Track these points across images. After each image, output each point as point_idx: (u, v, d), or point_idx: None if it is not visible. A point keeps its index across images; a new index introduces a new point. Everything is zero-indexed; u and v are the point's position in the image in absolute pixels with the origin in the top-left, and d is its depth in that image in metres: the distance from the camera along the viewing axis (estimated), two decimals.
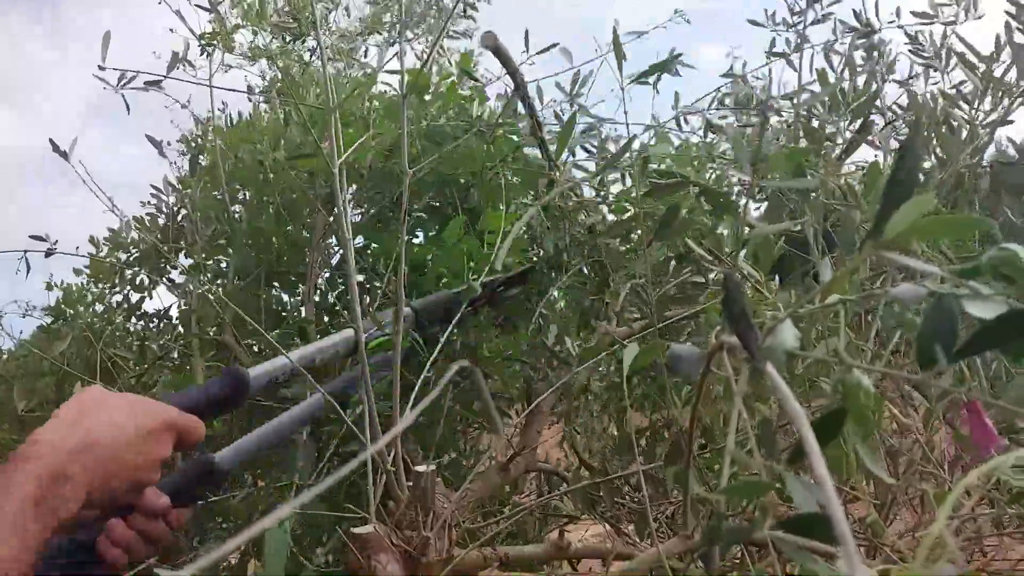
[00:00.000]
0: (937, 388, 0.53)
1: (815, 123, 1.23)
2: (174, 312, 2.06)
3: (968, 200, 1.51)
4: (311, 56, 2.22)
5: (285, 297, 1.96)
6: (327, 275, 1.94)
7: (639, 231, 1.31)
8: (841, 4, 1.56)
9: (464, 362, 0.44)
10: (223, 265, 1.96)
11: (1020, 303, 0.52)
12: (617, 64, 0.95)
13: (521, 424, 1.57)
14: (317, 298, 1.87)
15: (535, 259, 1.67)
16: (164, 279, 2.06)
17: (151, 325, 2.06)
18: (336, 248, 1.95)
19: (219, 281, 1.95)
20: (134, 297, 2.07)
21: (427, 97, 1.73)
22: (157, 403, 0.80)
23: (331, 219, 1.83)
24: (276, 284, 1.91)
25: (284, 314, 1.94)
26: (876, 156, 1.39)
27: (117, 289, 2.09)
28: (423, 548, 1.01)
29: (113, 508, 0.80)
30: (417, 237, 1.78)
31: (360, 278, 1.68)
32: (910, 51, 1.56)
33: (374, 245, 1.76)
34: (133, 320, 2.08)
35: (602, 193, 1.55)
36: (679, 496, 1.40)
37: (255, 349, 1.85)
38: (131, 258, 2.05)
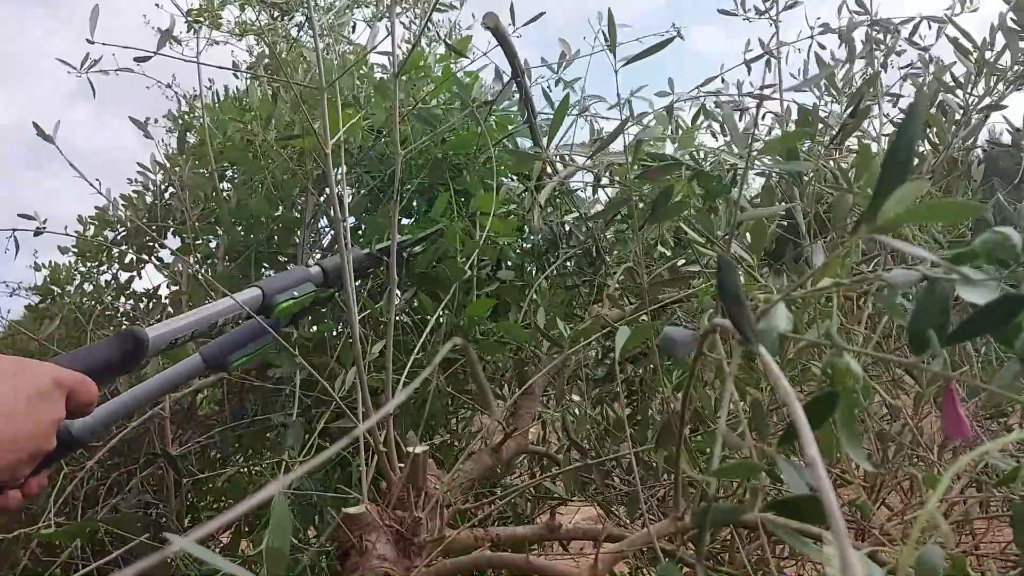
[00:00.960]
0: (927, 372, 0.53)
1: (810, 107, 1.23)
2: (163, 292, 2.05)
3: (962, 184, 1.52)
4: (298, 32, 2.19)
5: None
6: (318, 255, 1.93)
7: (631, 215, 1.30)
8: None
9: (457, 340, 0.43)
10: (212, 245, 1.95)
11: (1013, 287, 0.52)
12: (610, 47, 0.94)
13: (513, 406, 1.57)
14: None
15: (528, 244, 1.67)
16: (153, 258, 2.04)
17: (140, 305, 2.04)
18: (327, 228, 1.94)
19: (209, 261, 1.94)
20: (123, 277, 2.06)
21: (419, 76, 1.72)
22: (41, 363, 0.73)
23: (322, 199, 1.82)
24: (266, 264, 1.90)
25: None
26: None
27: (104, 268, 2.07)
28: (415, 528, 1.02)
29: (12, 483, 0.74)
30: (409, 218, 1.77)
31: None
32: (908, 41, 1.56)
33: (365, 226, 1.75)
34: (122, 300, 2.07)
35: (594, 173, 1.55)
36: (670, 479, 1.40)
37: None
38: (118, 236, 2.03)
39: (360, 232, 1.76)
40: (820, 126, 1.16)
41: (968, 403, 1.15)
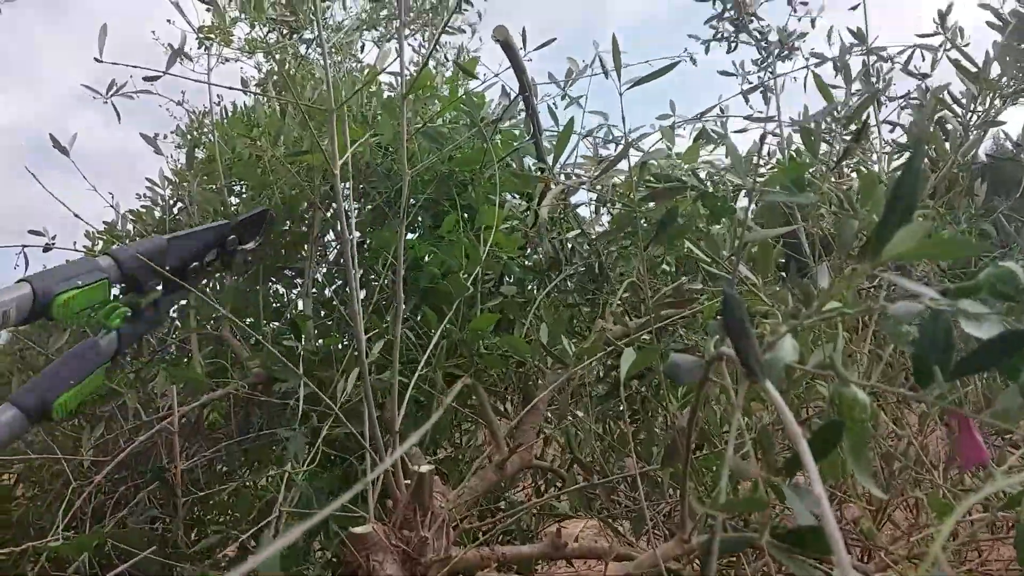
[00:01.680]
0: (931, 399, 0.54)
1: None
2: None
3: (964, 201, 1.52)
4: (307, 49, 2.21)
5: (283, 292, 1.97)
6: (324, 270, 1.94)
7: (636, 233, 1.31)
8: (815, 29, 1.58)
9: (468, 379, 0.44)
10: None
11: (1015, 322, 0.53)
12: (616, 71, 0.95)
13: (517, 421, 1.58)
14: (315, 292, 1.87)
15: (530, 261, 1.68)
16: None
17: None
18: (333, 243, 1.96)
19: (216, 275, 1.95)
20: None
21: (427, 95, 1.73)
22: None
23: (328, 215, 1.83)
24: (273, 279, 1.91)
25: (282, 309, 1.94)
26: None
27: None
28: (421, 548, 1.02)
29: None
30: (414, 233, 1.78)
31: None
32: (903, 70, 1.58)
33: (371, 241, 1.76)
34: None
35: (599, 189, 1.56)
36: (675, 494, 1.41)
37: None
38: None
39: (366, 247, 1.77)
40: (822, 147, 1.17)
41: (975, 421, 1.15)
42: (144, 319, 1.09)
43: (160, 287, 1.11)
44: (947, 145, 1.48)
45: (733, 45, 1.78)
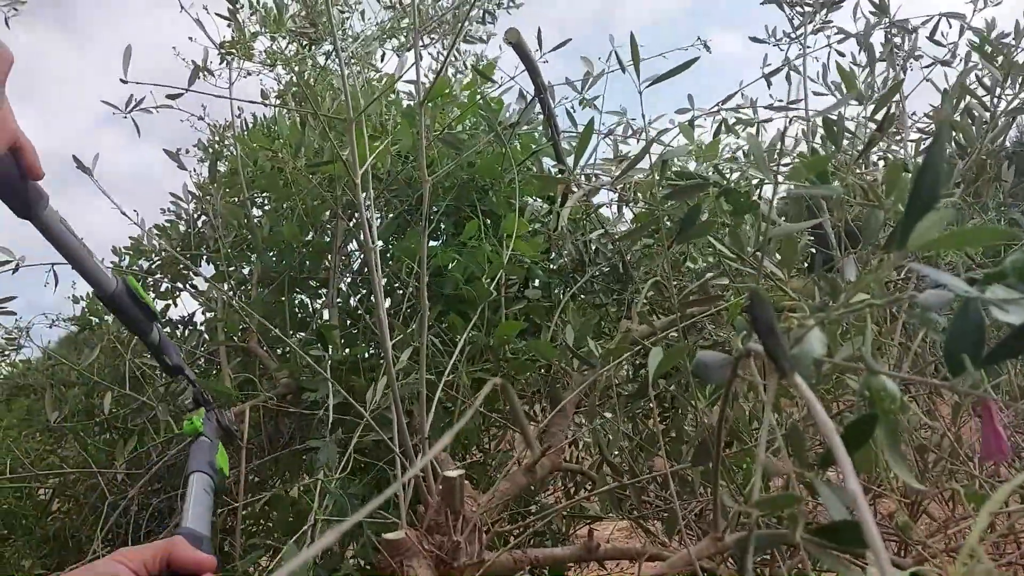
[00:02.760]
0: (962, 388, 0.53)
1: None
2: (199, 319, 2.08)
3: (992, 188, 1.50)
4: (326, 60, 2.22)
5: (308, 302, 1.98)
6: (348, 280, 1.95)
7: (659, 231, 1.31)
8: (840, 9, 1.56)
9: (498, 380, 0.44)
10: (246, 272, 1.98)
11: None
12: (634, 68, 0.95)
13: (546, 424, 1.58)
14: (339, 302, 1.89)
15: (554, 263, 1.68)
16: (188, 286, 2.08)
17: (176, 332, 2.08)
18: (356, 252, 1.97)
19: (242, 287, 1.97)
20: (159, 305, 2.09)
21: (445, 103, 1.74)
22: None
23: (351, 224, 1.84)
24: (298, 289, 1.93)
25: (307, 319, 1.95)
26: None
27: None
28: (454, 553, 1.02)
29: None
30: (437, 240, 1.79)
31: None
32: (929, 39, 1.55)
33: (393, 249, 1.77)
34: None
35: (620, 189, 1.55)
36: (707, 493, 1.40)
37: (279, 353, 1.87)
38: (153, 266, 2.07)
39: (390, 255, 1.78)
40: (848, 136, 1.16)
41: (1007, 413, 1.14)
42: None
43: None
44: (974, 131, 1.46)
45: None
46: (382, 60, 2.08)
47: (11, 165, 0.78)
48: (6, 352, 2.11)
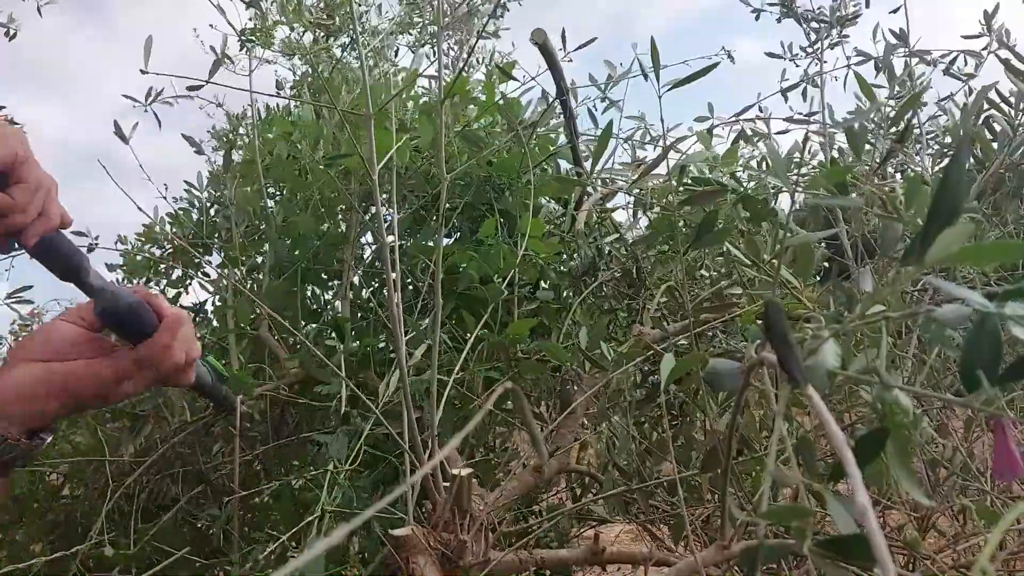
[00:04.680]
0: (976, 404, 0.53)
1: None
2: (209, 307, 2.08)
3: (1012, 203, 1.49)
4: (343, 52, 2.22)
5: (320, 293, 1.98)
6: (361, 272, 1.95)
7: (674, 237, 1.30)
8: (857, 26, 1.56)
9: (508, 383, 0.44)
10: (258, 260, 1.98)
11: None
12: (655, 73, 0.95)
13: (555, 425, 1.57)
14: (351, 294, 1.89)
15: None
16: (199, 273, 2.08)
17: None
18: (370, 245, 1.97)
19: (254, 275, 1.97)
20: (170, 292, 2.09)
21: (464, 100, 1.74)
22: None
23: (367, 217, 1.84)
24: (311, 280, 1.93)
25: (319, 310, 1.96)
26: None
27: (152, 284, 2.11)
28: (460, 551, 1.03)
29: None
30: (452, 237, 1.79)
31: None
32: (946, 73, 1.55)
33: (408, 246, 1.77)
34: None
35: (638, 193, 1.55)
36: (715, 499, 1.40)
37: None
38: (165, 253, 2.07)
39: (404, 251, 1.78)
40: (866, 148, 1.15)
41: (1020, 430, 1.12)
42: None
43: None
44: (994, 145, 1.45)
45: (786, 11, 1.73)
46: (396, 55, 2.08)
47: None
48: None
